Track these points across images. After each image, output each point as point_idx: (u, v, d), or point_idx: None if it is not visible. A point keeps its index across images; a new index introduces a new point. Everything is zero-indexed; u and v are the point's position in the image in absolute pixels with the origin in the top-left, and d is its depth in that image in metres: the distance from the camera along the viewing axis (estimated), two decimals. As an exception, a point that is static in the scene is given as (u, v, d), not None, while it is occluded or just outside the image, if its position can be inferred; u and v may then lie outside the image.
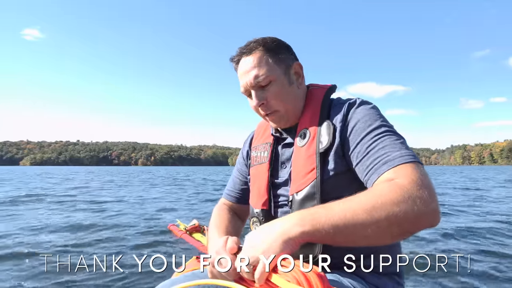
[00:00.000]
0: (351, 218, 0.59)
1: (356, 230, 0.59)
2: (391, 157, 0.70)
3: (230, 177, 1.13)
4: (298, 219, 0.61)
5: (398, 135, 0.76)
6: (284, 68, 0.89)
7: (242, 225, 1.08)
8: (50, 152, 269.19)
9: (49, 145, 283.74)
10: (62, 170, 52.84)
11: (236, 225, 1.01)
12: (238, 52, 0.89)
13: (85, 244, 3.33)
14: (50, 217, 5.05)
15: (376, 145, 0.73)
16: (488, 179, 17.25)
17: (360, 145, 0.76)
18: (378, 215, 0.59)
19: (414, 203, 0.60)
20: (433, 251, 3.15)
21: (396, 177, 0.66)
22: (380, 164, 0.70)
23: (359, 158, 0.76)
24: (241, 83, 0.89)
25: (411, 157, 0.69)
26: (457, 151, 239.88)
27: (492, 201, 7.27)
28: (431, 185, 0.64)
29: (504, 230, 4.03)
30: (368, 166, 0.73)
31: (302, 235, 0.59)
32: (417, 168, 0.67)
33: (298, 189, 0.82)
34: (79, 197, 8.17)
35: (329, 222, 0.59)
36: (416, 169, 0.67)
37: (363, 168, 0.75)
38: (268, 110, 0.88)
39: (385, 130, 0.76)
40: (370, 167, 0.73)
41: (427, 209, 0.60)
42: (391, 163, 0.69)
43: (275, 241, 0.59)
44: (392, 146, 0.72)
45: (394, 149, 0.71)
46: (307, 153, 0.83)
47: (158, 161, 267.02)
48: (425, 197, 0.61)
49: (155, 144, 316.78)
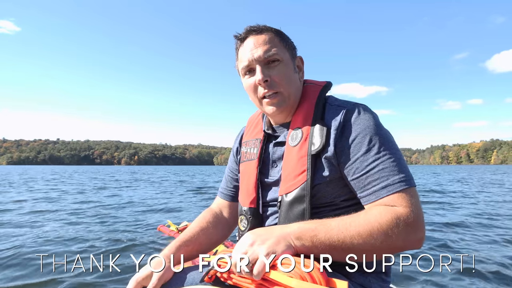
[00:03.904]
0: (349, 242, 0.63)
1: (350, 251, 0.65)
2: (390, 182, 0.71)
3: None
4: (299, 232, 0.63)
5: (396, 151, 0.76)
6: (291, 55, 0.88)
7: (229, 228, 1.05)
8: (28, 151, 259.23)
9: (27, 143, 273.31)
10: (44, 169, 50.98)
11: (213, 233, 0.97)
12: (246, 30, 0.86)
13: (79, 244, 3.39)
14: (41, 217, 5.05)
15: (376, 166, 0.73)
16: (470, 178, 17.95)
17: (359, 161, 0.75)
18: (373, 242, 0.64)
19: (407, 234, 0.66)
20: (436, 251, 3.13)
21: (395, 204, 0.70)
22: (379, 188, 0.72)
23: (356, 175, 0.75)
24: (244, 58, 0.85)
25: (407, 183, 0.71)
26: (436, 151, 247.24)
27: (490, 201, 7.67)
28: (422, 213, 0.70)
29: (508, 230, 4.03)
30: (366, 186, 0.74)
31: (301, 248, 0.62)
32: (413, 195, 0.71)
33: (288, 190, 0.80)
34: (68, 198, 8.10)
35: (327, 242, 0.63)
36: (412, 197, 0.71)
37: (360, 186, 0.75)
38: (270, 88, 0.84)
39: (385, 148, 0.75)
40: (368, 187, 0.74)
41: (415, 239, 0.68)
42: (390, 188, 0.71)
43: (276, 243, 0.61)
44: (391, 168, 0.72)
45: (393, 172, 0.72)
46: (299, 154, 0.81)
47: (142, 160, 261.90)
48: (417, 227, 0.67)
49: (139, 143, 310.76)
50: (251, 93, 0.88)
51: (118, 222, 4.72)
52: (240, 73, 0.90)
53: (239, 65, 0.89)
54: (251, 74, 0.86)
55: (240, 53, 0.88)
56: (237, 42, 0.89)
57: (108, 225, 4.48)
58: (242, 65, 0.87)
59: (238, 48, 0.89)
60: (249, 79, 0.86)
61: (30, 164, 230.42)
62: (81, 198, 8.14)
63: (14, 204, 6.87)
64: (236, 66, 0.93)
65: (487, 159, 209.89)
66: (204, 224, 0.97)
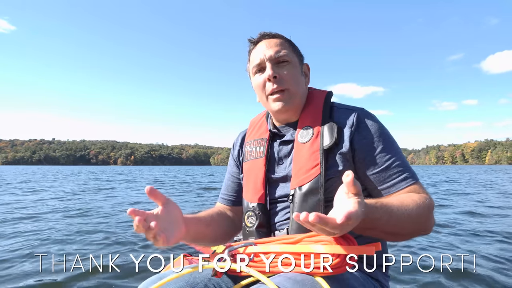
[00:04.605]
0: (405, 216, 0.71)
1: (400, 227, 0.72)
2: (407, 175, 0.82)
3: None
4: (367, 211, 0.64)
5: (401, 151, 0.87)
6: (299, 60, 0.96)
7: (234, 228, 1.06)
8: (23, 151, 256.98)
9: (22, 143, 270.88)
10: (40, 169, 50.58)
11: (220, 223, 1.00)
12: (260, 34, 0.94)
13: (77, 245, 3.38)
14: (41, 218, 5.01)
15: (393, 161, 0.82)
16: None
17: (378, 157, 0.83)
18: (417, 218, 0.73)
19: (431, 215, 0.78)
20: (437, 251, 3.13)
21: (418, 192, 0.80)
22: (399, 180, 0.81)
23: (377, 169, 0.83)
24: (256, 58, 0.92)
25: (416, 177, 0.83)
26: (432, 151, 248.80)
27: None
28: None
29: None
30: (387, 179, 0.82)
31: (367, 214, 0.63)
32: (423, 186, 0.83)
33: (301, 183, 0.83)
34: (65, 198, 8.05)
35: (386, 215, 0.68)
36: (423, 187, 0.83)
37: (380, 179, 0.83)
38: (279, 84, 0.89)
39: (395, 147, 0.85)
40: (388, 180, 0.82)
41: (433, 222, 0.80)
42: (408, 181, 0.81)
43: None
44: (404, 164, 0.83)
45: (406, 167, 0.83)
46: (311, 150, 0.85)
47: (138, 160, 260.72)
48: (433, 212, 0.79)
49: (135, 143, 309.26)
50: (259, 91, 0.93)
51: (117, 222, 4.71)
52: (251, 73, 0.96)
53: (251, 65, 0.95)
54: (261, 72, 0.92)
55: (252, 55, 0.95)
56: (250, 45, 0.96)
57: (107, 225, 4.46)
58: (253, 64, 0.93)
59: (251, 51, 0.95)
60: (259, 77, 0.92)
61: (25, 164, 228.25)
62: (77, 198, 8.09)
63: (12, 204, 6.81)
64: (247, 68, 0.99)
65: (482, 159, 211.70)
66: (215, 215, 1.01)
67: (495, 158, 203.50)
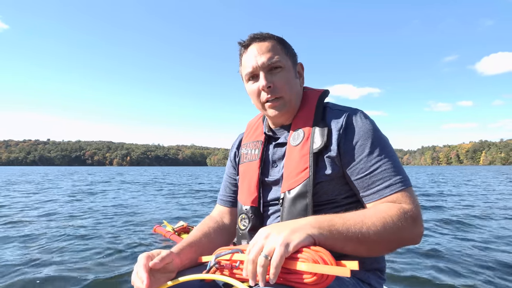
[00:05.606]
0: (365, 232, 0.65)
1: (364, 243, 0.65)
2: (392, 181, 0.76)
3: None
4: (316, 222, 0.63)
5: (394, 154, 0.81)
6: (292, 62, 0.93)
7: (229, 237, 1.03)
8: (18, 152, 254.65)
9: (17, 144, 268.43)
10: (35, 170, 50.09)
11: (214, 238, 0.97)
12: (249, 37, 0.90)
13: (75, 246, 3.37)
14: (39, 218, 4.98)
15: (379, 167, 0.78)
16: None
17: (363, 162, 0.79)
18: (387, 234, 0.67)
19: (413, 228, 0.71)
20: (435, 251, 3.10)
21: (400, 202, 0.75)
22: (383, 187, 0.76)
23: (360, 175, 0.79)
24: (248, 64, 0.89)
25: (406, 183, 0.77)
26: (427, 152, 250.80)
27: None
28: (421, 210, 0.75)
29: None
30: (370, 185, 0.78)
31: (319, 237, 0.61)
32: (412, 194, 0.77)
33: (291, 187, 0.82)
34: (60, 200, 8.00)
35: (345, 233, 0.63)
36: (412, 195, 0.76)
37: (363, 185, 0.79)
38: (273, 93, 0.87)
39: (385, 151, 0.80)
40: (372, 187, 0.78)
41: (418, 233, 0.73)
42: (393, 188, 0.76)
43: (292, 233, 0.59)
44: (392, 170, 0.77)
45: (394, 173, 0.77)
46: (301, 153, 0.84)
47: (134, 161, 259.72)
48: (419, 222, 0.73)
49: (131, 143, 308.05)
50: (254, 98, 0.92)
51: (114, 224, 4.69)
52: (244, 79, 0.93)
53: (243, 71, 0.92)
54: (255, 80, 0.90)
55: (244, 60, 0.91)
56: (241, 49, 0.93)
57: (104, 227, 4.45)
58: (246, 71, 0.90)
59: (242, 55, 0.92)
60: (253, 85, 0.90)
61: (19, 165, 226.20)
62: (74, 201, 8.05)
63: (11, 205, 6.76)
64: (239, 71, 0.96)
65: (476, 160, 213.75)
66: (206, 229, 0.97)
67: (489, 159, 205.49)
